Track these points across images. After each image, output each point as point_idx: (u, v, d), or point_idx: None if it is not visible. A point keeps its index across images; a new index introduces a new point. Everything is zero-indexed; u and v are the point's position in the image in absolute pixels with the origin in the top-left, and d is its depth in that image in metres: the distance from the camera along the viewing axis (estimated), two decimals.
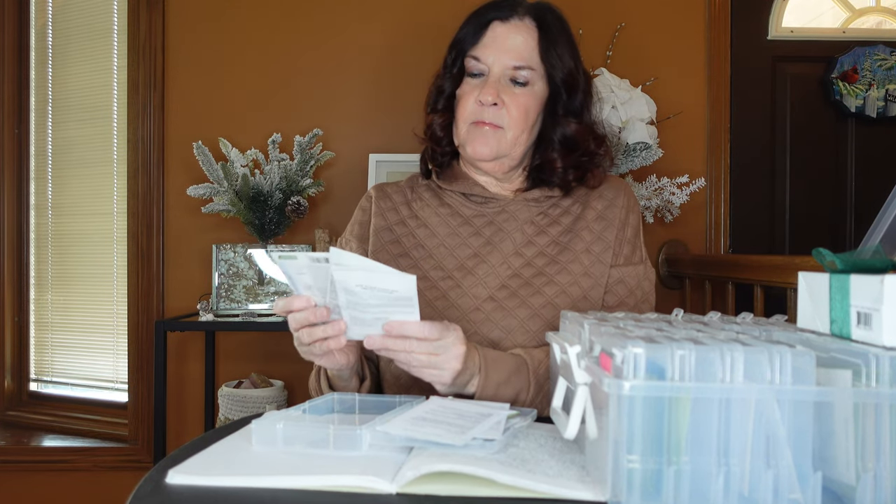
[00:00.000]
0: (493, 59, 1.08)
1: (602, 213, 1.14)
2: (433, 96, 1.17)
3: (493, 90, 1.07)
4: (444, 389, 0.89)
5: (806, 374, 0.55)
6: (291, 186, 2.02)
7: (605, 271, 1.10)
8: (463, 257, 1.10)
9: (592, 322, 0.72)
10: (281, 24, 2.26)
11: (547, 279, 1.07)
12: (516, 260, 1.09)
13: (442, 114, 1.15)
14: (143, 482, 0.63)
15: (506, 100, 1.07)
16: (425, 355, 0.83)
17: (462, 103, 1.10)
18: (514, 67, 1.08)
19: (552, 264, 1.09)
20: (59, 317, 2.49)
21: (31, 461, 2.28)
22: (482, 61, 1.09)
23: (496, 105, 1.07)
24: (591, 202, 1.15)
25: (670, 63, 2.24)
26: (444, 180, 1.17)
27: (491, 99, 1.06)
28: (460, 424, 0.72)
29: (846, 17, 2.45)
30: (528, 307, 1.05)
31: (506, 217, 1.13)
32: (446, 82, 1.14)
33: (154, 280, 2.26)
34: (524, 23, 1.09)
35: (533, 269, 1.08)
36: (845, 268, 0.65)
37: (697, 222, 2.27)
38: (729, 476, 0.54)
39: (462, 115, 1.10)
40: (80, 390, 2.45)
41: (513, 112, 1.07)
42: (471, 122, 1.09)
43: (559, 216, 1.13)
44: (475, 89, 1.09)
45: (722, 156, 2.27)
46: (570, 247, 1.10)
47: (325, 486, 0.61)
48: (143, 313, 2.26)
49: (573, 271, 1.08)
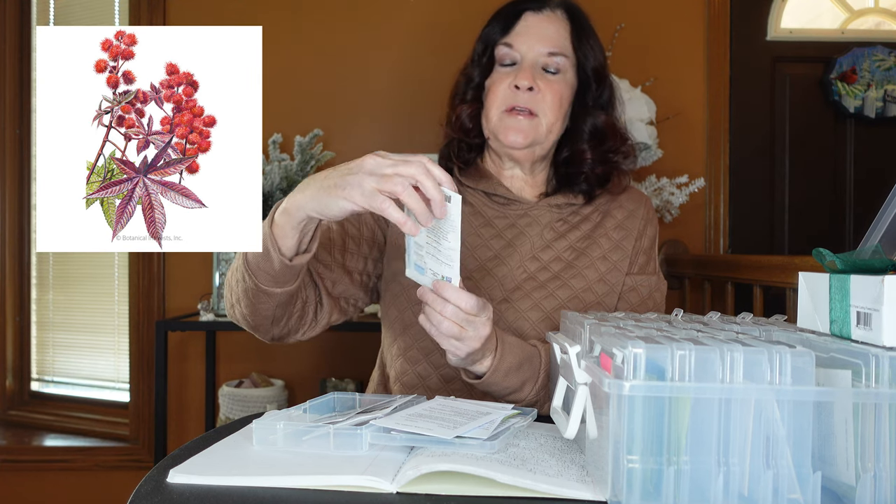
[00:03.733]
0: (526, 47, 1.08)
1: (622, 223, 1.14)
2: (461, 86, 1.15)
3: (528, 74, 1.06)
4: (454, 361, 0.88)
5: (806, 375, 0.55)
6: (292, 186, 2.03)
7: (621, 279, 1.10)
8: (483, 259, 1.09)
9: (592, 322, 0.72)
10: (281, 24, 2.26)
11: (561, 283, 1.07)
12: (532, 263, 1.08)
13: (471, 104, 1.13)
14: (144, 482, 0.63)
15: (541, 85, 1.06)
16: (456, 326, 0.82)
17: (494, 90, 1.09)
18: (549, 54, 1.08)
19: (568, 268, 1.08)
20: (60, 316, 2.50)
21: (33, 461, 2.28)
22: (515, 49, 1.08)
23: (532, 90, 1.06)
24: (611, 211, 1.14)
25: (670, 63, 2.24)
26: (467, 177, 1.15)
27: (527, 83, 1.05)
28: (455, 420, 0.72)
29: (845, 17, 2.45)
30: (541, 310, 1.05)
31: (528, 221, 1.12)
32: (475, 71, 1.13)
33: (155, 280, 2.26)
34: (556, 14, 1.11)
35: (548, 273, 1.08)
36: (845, 268, 0.65)
37: (697, 222, 2.27)
38: (729, 476, 0.54)
39: (494, 103, 1.09)
40: (81, 390, 2.46)
41: (548, 98, 1.06)
42: (503, 109, 1.08)
43: (579, 223, 1.13)
44: (507, 76, 1.08)
45: (721, 156, 2.27)
46: (587, 252, 1.10)
47: (325, 485, 0.61)
48: (144, 313, 2.26)
49: (588, 276, 1.08)
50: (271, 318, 0.96)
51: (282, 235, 0.85)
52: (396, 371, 1.08)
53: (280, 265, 0.86)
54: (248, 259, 0.89)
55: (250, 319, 0.97)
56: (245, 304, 0.94)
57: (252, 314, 0.95)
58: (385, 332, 1.14)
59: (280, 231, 0.85)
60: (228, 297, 0.99)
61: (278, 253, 0.85)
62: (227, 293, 0.99)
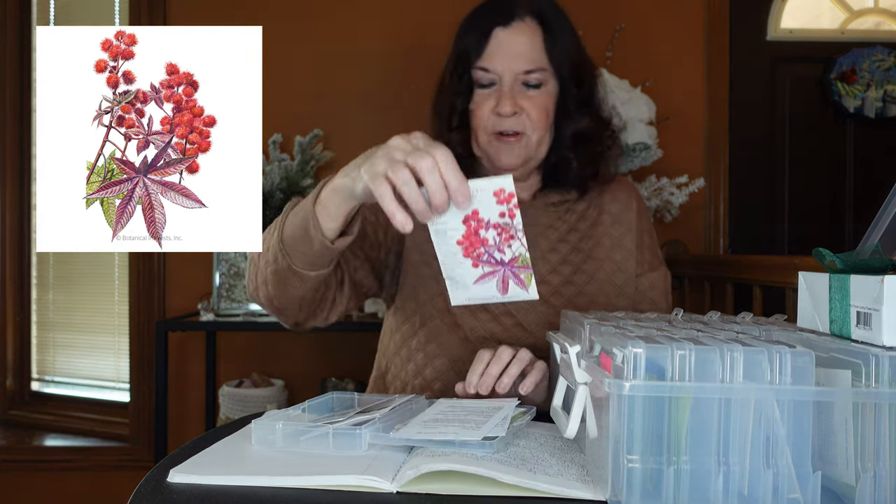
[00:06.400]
0: (502, 67, 1.05)
1: (618, 218, 1.14)
2: (445, 116, 1.12)
3: (510, 101, 1.04)
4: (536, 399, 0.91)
5: (806, 374, 0.55)
6: (292, 187, 2.03)
7: (628, 281, 1.11)
8: None
9: (592, 322, 0.72)
10: (281, 24, 2.26)
11: (577, 289, 1.07)
12: (543, 265, 1.08)
13: (459, 130, 1.11)
14: (144, 482, 0.63)
15: (524, 105, 1.05)
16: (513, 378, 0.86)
17: (477, 114, 1.07)
18: (526, 72, 1.05)
19: (578, 273, 1.09)
20: (60, 316, 2.50)
21: (33, 461, 2.28)
22: (491, 71, 1.05)
23: (516, 114, 1.05)
24: (604, 205, 1.15)
25: (670, 63, 2.24)
26: None
27: (510, 110, 1.04)
28: (474, 420, 0.72)
29: (845, 17, 2.45)
30: None
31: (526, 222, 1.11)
32: (457, 99, 1.10)
33: (155, 280, 2.26)
34: (526, 23, 1.06)
35: (560, 278, 1.08)
36: (845, 267, 0.65)
37: (696, 222, 2.27)
38: (728, 476, 0.54)
39: (480, 126, 1.07)
40: (82, 390, 2.46)
41: (533, 116, 1.05)
42: (490, 132, 1.07)
43: (576, 222, 1.13)
44: (488, 99, 1.06)
45: (721, 156, 2.27)
46: (594, 255, 1.11)
47: (325, 485, 0.61)
48: (145, 313, 2.26)
49: (599, 279, 1.09)
50: (299, 301, 0.95)
51: (325, 216, 0.82)
52: (417, 364, 1.07)
53: (321, 246, 0.84)
54: (285, 239, 0.87)
55: (276, 302, 0.95)
56: (273, 284, 0.92)
57: (280, 296, 0.94)
58: (396, 328, 1.12)
59: (324, 211, 0.82)
60: (253, 279, 0.96)
61: (320, 234, 0.83)
62: (251, 273, 0.97)
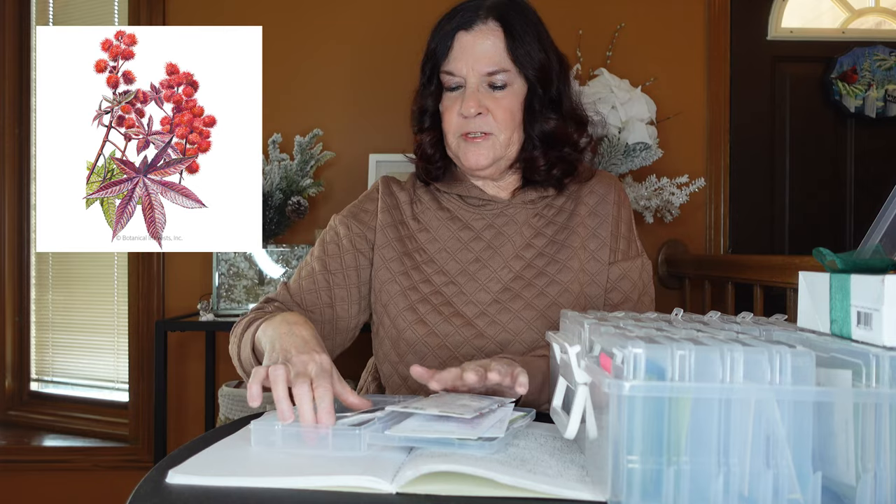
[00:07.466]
0: (466, 70, 1.07)
1: (594, 209, 1.14)
2: (417, 116, 1.17)
3: (473, 101, 1.06)
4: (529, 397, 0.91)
5: (806, 375, 0.55)
6: (292, 186, 2.02)
7: (601, 269, 1.11)
8: (465, 262, 1.10)
9: (592, 322, 0.72)
10: (280, 24, 2.26)
11: (549, 279, 1.08)
12: (517, 263, 1.09)
13: (430, 132, 1.15)
14: (143, 482, 0.63)
15: (489, 106, 1.07)
16: None
17: (446, 117, 1.11)
18: (489, 73, 1.07)
19: (552, 263, 1.09)
20: (59, 316, 2.49)
21: (32, 461, 2.28)
22: (456, 74, 1.08)
23: (480, 114, 1.07)
24: (582, 198, 1.15)
25: (670, 63, 2.24)
26: (441, 183, 1.18)
27: (474, 110, 1.06)
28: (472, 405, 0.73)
29: (845, 17, 2.45)
30: (534, 308, 1.05)
31: (505, 220, 1.13)
32: (427, 100, 1.14)
33: (154, 280, 2.26)
34: (488, 26, 1.07)
35: (534, 270, 1.09)
36: (845, 267, 0.65)
37: (697, 222, 2.27)
38: (729, 476, 0.54)
39: (449, 129, 1.11)
40: (81, 390, 2.45)
41: (498, 116, 1.07)
42: (459, 134, 1.10)
43: (554, 216, 1.14)
44: (456, 102, 1.09)
45: (721, 156, 2.27)
46: (568, 244, 1.11)
47: (324, 486, 0.61)
48: (144, 313, 2.26)
49: (573, 267, 1.09)
50: None
51: None
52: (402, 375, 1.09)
53: None
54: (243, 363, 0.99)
55: None
56: None
57: None
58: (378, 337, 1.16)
59: None
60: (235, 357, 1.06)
61: None
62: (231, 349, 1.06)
